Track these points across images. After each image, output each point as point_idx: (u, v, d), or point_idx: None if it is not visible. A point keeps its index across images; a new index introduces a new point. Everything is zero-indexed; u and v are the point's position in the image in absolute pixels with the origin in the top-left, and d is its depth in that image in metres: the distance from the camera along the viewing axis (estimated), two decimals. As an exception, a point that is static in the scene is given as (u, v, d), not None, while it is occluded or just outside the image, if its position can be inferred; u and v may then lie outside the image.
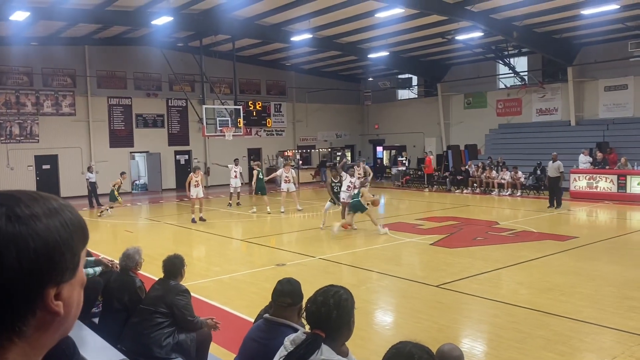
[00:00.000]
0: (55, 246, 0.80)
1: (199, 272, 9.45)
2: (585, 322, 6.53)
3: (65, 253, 0.81)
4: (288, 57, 28.27)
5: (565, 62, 23.38)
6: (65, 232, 0.82)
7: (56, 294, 0.81)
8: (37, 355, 0.83)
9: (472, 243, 11.79)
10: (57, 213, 0.83)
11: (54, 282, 0.81)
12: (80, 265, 0.86)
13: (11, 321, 0.77)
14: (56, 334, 0.84)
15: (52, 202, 0.84)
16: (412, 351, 1.94)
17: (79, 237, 0.85)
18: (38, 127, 23.41)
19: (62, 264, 0.81)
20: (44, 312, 0.80)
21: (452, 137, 28.62)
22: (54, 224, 0.81)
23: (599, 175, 18.82)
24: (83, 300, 0.89)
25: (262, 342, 3.05)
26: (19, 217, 0.78)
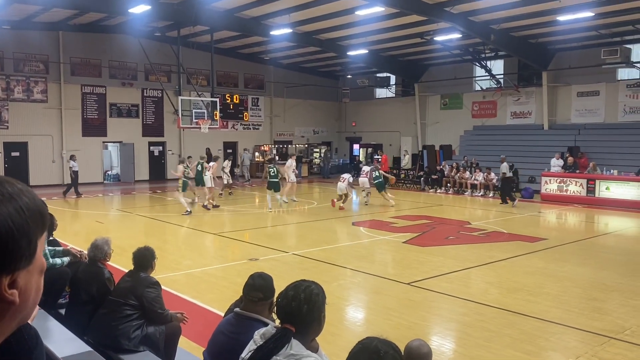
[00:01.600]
0: (8, 233, 0.77)
1: (170, 265, 9.35)
2: (551, 322, 6.66)
3: (19, 240, 0.78)
4: (267, 51, 28.13)
5: (540, 67, 23.79)
6: (20, 218, 0.79)
7: (10, 283, 0.78)
8: None
9: (444, 242, 11.92)
10: (12, 198, 0.79)
11: (7, 270, 0.78)
12: (38, 252, 0.83)
13: None
14: (13, 322, 0.81)
15: (7, 186, 0.81)
16: (378, 346, 1.94)
17: (36, 223, 0.81)
18: (8, 113, 22.82)
19: (16, 251, 0.78)
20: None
21: (428, 137, 28.89)
22: (7, 210, 0.78)
23: (569, 179, 19.22)
24: (50, 290, 0.87)
25: (231, 336, 3.03)
26: None
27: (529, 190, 20.43)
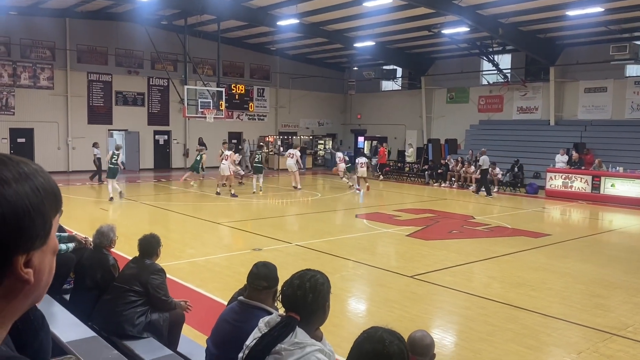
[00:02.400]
0: (25, 212, 0.77)
1: (174, 253, 9.38)
2: (553, 317, 6.66)
3: (35, 219, 0.79)
4: (273, 42, 28.04)
5: (548, 62, 23.65)
6: (36, 197, 0.79)
7: (26, 262, 0.79)
8: (5, 324, 0.81)
9: (447, 236, 11.92)
10: (28, 178, 0.80)
11: (23, 250, 0.78)
12: (52, 232, 0.84)
13: None
14: (26, 301, 0.82)
15: (23, 166, 0.81)
16: (383, 336, 1.95)
17: (50, 203, 0.82)
18: (14, 99, 22.87)
19: (32, 230, 0.78)
20: (13, 280, 0.78)
21: (433, 131, 28.81)
22: (23, 190, 0.78)
23: (574, 175, 19.16)
24: (55, 276, 0.87)
25: (235, 324, 3.03)
26: None
27: (533, 185, 20.39)
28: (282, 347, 2.22)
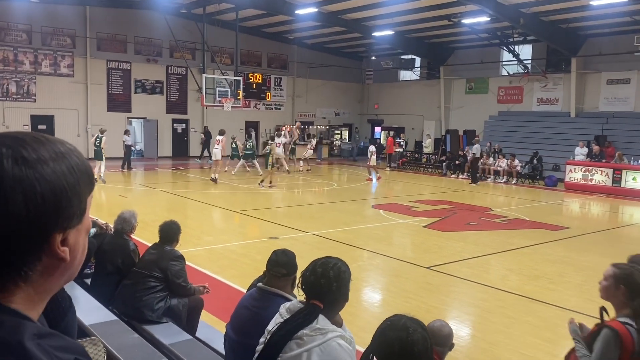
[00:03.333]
0: (63, 191, 0.78)
1: (192, 240, 9.47)
2: (572, 310, 6.60)
3: (72, 198, 0.80)
4: (291, 31, 27.94)
5: (569, 53, 23.25)
6: (72, 177, 0.80)
7: (62, 240, 0.80)
8: (41, 300, 0.83)
9: (464, 228, 11.85)
10: (64, 157, 0.81)
11: (60, 228, 0.79)
12: (87, 212, 0.85)
13: (18, 266, 0.77)
14: (61, 279, 0.84)
15: (59, 145, 0.82)
16: (407, 324, 1.95)
17: (85, 182, 0.83)
18: (35, 87, 23.17)
19: (69, 209, 0.80)
20: (50, 257, 0.79)
21: (452, 122, 28.56)
22: (60, 169, 0.79)
23: (595, 168, 18.88)
24: None
25: (254, 310, 3.06)
26: (25, 160, 0.76)
27: (552, 178, 20.15)
28: (304, 333, 2.25)
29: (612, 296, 2.82)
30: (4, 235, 0.74)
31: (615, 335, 2.59)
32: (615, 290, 2.78)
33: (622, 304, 2.74)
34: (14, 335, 0.73)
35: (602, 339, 2.63)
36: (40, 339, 0.74)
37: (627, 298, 2.69)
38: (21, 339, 0.73)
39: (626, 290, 2.70)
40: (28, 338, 0.73)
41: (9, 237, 0.75)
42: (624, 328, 2.60)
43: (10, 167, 0.75)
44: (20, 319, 0.76)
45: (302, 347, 2.24)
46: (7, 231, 0.74)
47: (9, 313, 0.76)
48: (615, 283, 2.77)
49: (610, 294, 2.83)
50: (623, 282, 2.72)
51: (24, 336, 0.73)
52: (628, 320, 2.67)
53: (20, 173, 0.75)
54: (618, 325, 2.64)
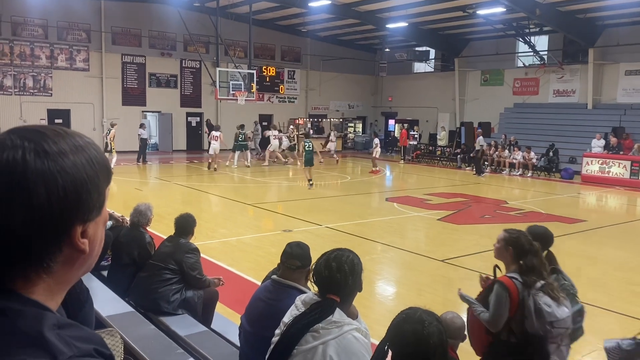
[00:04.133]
0: (83, 184, 0.79)
1: (206, 233, 9.53)
2: (588, 304, 6.50)
3: (92, 191, 0.81)
4: (305, 23, 27.87)
5: (586, 44, 22.90)
6: (92, 169, 0.81)
7: (82, 232, 0.81)
8: (61, 291, 0.84)
9: (479, 220, 11.79)
10: (83, 150, 0.82)
11: (81, 220, 0.80)
12: (105, 204, 0.86)
13: (40, 257, 0.78)
14: (80, 270, 0.85)
15: (78, 138, 0.83)
16: (423, 317, 1.95)
17: (104, 175, 0.84)
18: (52, 81, 23.40)
19: (89, 202, 0.81)
20: (71, 249, 0.81)
21: (466, 114, 28.33)
22: (80, 161, 0.80)
23: (612, 160, 18.63)
24: None
25: (269, 302, 3.07)
26: (47, 152, 0.77)
27: (569, 170, 19.93)
28: (320, 326, 2.26)
29: (503, 256, 3.41)
30: (27, 227, 0.76)
31: (504, 288, 3.20)
32: (505, 252, 3.37)
33: (510, 262, 3.35)
34: (34, 326, 0.74)
35: (495, 292, 3.23)
36: (60, 330, 0.76)
37: (514, 258, 3.31)
38: (41, 329, 0.74)
39: (513, 251, 3.31)
40: (48, 328, 0.74)
41: (32, 229, 0.76)
42: (511, 281, 3.22)
43: (33, 160, 0.76)
44: (40, 309, 0.78)
45: (318, 340, 2.25)
46: (31, 223, 0.76)
47: (30, 304, 0.77)
48: (505, 245, 3.36)
49: (501, 255, 3.42)
50: (511, 244, 3.33)
51: (44, 326, 0.74)
52: (515, 275, 3.25)
53: (43, 166, 0.76)
54: (506, 279, 3.25)
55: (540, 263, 3.30)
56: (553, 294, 3.19)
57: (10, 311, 0.74)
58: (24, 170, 0.75)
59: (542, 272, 3.26)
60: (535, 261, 3.26)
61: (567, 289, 3.61)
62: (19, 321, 0.74)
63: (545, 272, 3.28)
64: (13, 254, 0.76)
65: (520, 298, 3.16)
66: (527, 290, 3.17)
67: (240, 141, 20.70)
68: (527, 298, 3.16)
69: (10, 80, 22.61)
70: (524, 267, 3.24)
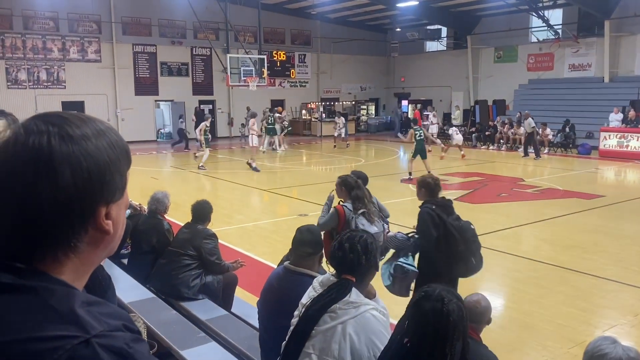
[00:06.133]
0: (106, 166, 0.82)
1: (223, 219, 9.60)
2: (608, 279, 6.50)
3: (114, 173, 0.84)
4: (314, 5, 27.60)
5: (602, 15, 22.40)
6: (114, 153, 0.84)
7: (106, 213, 0.84)
8: (86, 272, 0.87)
9: (496, 199, 11.71)
10: (105, 134, 0.85)
11: (104, 202, 0.83)
12: (126, 187, 0.88)
13: (68, 237, 0.81)
14: (104, 251, 0.88)
15: (99, 123, 0.86)
16: (442, 294, 1.95)
17: (124, 158, 0.87)
18: (64, 73, 23.57)
19: (112, 184, 0.84)
20: (96, 230, 0.84)
21: (481, 92, 28.00)
22: (102, 145, 0.83)
23: (631, 134, 18.32)
24: None
25: (282, 290, 3.05)
26: (71, 137, 0.80)
27: (586, 146, 19.67)
28: (337, 307, 2.27)
29: (340, 193, 4.87)
30: (55, 208, 0.79)
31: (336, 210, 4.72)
32: (340, 190, 4.86)
33: (345, 197, 4.79)
34: (65, 303, 0.77)
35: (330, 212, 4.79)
36: (90, 306, 0.79)
37: (346, 193, 4.78)
38: (72, 306, 0.77)
39: (345, 189, 4.78)
40: (79, 305, 0.78)
41: (60, 210, 0.79)
42: (341, 207, 4.70)
43: (58, 144, 0.79)
44: (69, 288, 0.81)
45: (335, 320, 2.27)
46: (58, 204, 0.79)
47: (58, 283, 0.80)
48: (339, 185, 4.86)
49: (340, 193, 4.87)
50: (342, 184, 4.82)
51: (74, 304, 0.78)
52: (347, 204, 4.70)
53: (67, 149, 0.79)
54: (339, 206, 4.75)
55: (363, 195, 4.72)
56: (369, 217, 4.62)
57: (41, 289, 0.78)
58: (49, 154, 0.78)
59: (365, 201, 4.67)
60: (359, 193, 4.70)
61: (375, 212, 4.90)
62: (51, 299, 0.77)
63: (367, 201, 4.69)
64: (42, 234, 0.80)
65: (347, 218, 4.60)
66: (352, 213, 4.58)
67: (270, 124, 20.35)
68: (351, 219, 4.57)
69: (25, 74, 22.81)
70: (353, 198, 4.66)
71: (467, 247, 4.27)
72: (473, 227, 4.41)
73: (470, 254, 4.31)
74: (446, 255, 4.22)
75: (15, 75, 22.65)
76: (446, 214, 4.35)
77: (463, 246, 4.24)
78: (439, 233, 4.21)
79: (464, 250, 4.24)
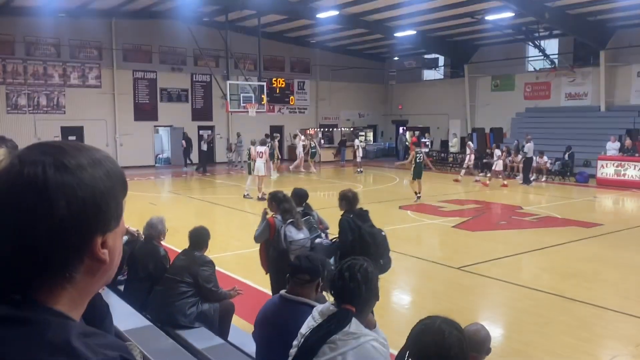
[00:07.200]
0: (102, 196, 0.82)
1: (220, 245, 9.54)
2: (609, 309, 6.44)
3: (110, 202, 0.83)
4: (313, 34, 28.01)
5: (597, 46, 22.74)
6: (110, 182, 0.84)
7: (102, 242, 0.83)
8: (83, 301, 0.86)
9: (494, 227, 11.69)
10: (101, 163, 0.84)
11: (101, 231, 0.83)
12: (123, 215, 0.88)
13: (63, 268, 0.80)
14: (101, 280, 0.87)
15: (95, 152, 0.86)
16: (442, 327, 1.92)
17: (121, 187, 0.87)
18: (64, 99, 23.71)
19: (108, 213, 0.83)
20: (92, 259, 0.83)
21: (478, 120, 28.21)
22: (98, 174, 0.82)
23: (628, 162, 18.40)
24: None
25: (280, 320, 2.95)
26: (66, 166, 0.80)
27: (584, 174, 19.72)
28: (336, 337, 2.23)
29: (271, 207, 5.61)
30: (50, 239, 0.78)
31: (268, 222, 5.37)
32: (271, 204, 5.63)
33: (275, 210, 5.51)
34: (61, 335, 0.76)
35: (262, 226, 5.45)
36: (86, 338, 0.78)
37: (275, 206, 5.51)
38: (68, 338, 0.76)
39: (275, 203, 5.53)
40: (75, 337, 0.76)
41: (55, 241, 0.78)
42: (272, 219, 5.38)
43: (53, 174, 0.79)
44: (65, 319, 0.80)
45: (335, 352, 2.23)
46: (54, 235, 0.78)
47: (54, 314, 0.79)
48: (270, 201, 5.71)
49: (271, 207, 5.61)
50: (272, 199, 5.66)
51: (70, 335, 0.76)
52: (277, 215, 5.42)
53: (62, 179, 0.79)
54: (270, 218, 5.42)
55: (291, 207, 5.38)
56: (297, 225, 5.28)
57: (37, 321, 0.77)
58: (44, 184, 0.78)
59: (292, 212, 5.34)
60: (287, 206, 5.38)
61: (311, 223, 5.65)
62: (46, 331, 0.76)
63: (294, 212, 5.37)
64: (37, 265, 0.79)
65: (277, 228, 5.25)
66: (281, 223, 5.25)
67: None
68: (280, 228, 5.21)
69: (25, 99, 22.94)
70: (282, 210, 5.37)
71: (376, 250, 5.04)
72: (384, 234, 5.33)
73: (379, 256, 5.04)
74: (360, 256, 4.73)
75: (15, 100, 22.77)
76: (361, 221, 5.21)
77: (374, 249, 5.01)
78: (354, 237, 5.04)
79: (374, 253, 4.93)
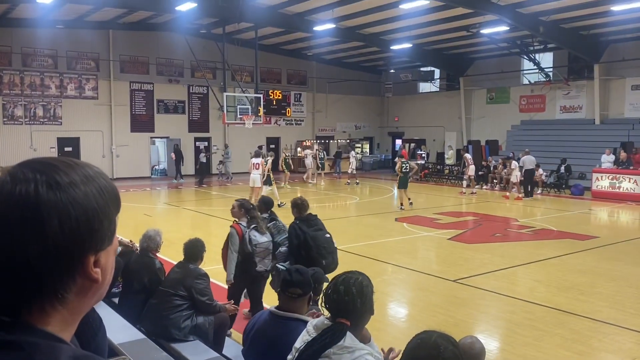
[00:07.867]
0: (95, 214, 0.80)
1: (215, 257, 9.47)
2: (604, 322, 6.44)
3: (103, 220, 0.81)
4: (310, 47, 28.17)
5: (591, 59, 22.94)
6: (102, 199, 0.82)
7: (95, 261, 0.82)
8: (75, 321, 0.84)
9: (490, 239, 11.69)
10: (93, 180, 0.83)
11: (93, 250, 0.81)
12: (115, 233, 0.87)
13: (55, 288, 0.78)
14: (93, 299, 0.85)
15: (87, 169, 0.84)
16: (438, 342, 1.91)
17: (114, 204, 0.85)
18: (61, 110, 23.71)
19: (101, 231, 0.82)
20: (84, 279, 0.81)
21: (473, 132, 28.34)
22: (91, 191, 0.81)
23: (623, 175, 18.49)
24: None
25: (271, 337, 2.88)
26: (58, 184, 0.78)
27: (579, 187, 19.78)
28: (331, 351, 2.22)
29: (238, 213, 5.91)
30: (42, 258, 0.76)
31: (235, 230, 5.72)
32: (238, 211, 5.91)
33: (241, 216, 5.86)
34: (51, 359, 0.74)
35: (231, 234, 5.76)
36: None
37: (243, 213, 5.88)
38: None
39: (243, 210, 5.90)
40: None
41: (46, 260, 0.76)
42: (238, 225, 5.75)
43: (45, 192, 0.77)
44: (55, 341, 0.77)
45: (330, 366, 2.22)
46: (46, 255, 0.76)
47: (44, 336, 0.77)
48: (239, 207, 5.94)
49: (237, 214, 5.92)
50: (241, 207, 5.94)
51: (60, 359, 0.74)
52: (242, 222, 5.82)
53: (55, 197, 0.77)
54: (236, 225, 5.77)
55: (257, 214, 5.86)
56: (261, 230, 5.71)
57: (26, 345, 0.74)
58: (36, 203, 0.76)
59: (257, 219, 5.78)
60: (253, 213, 5.86)
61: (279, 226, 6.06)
62: (36, 355, 0.73)
63: (259, 219, 5.81)
64: (28, 285, 0.77)
65: (243, 233, 5.68)
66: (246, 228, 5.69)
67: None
68: (245, 232, 5.66)
69: (21, 110, 22.93)
70: (249, 217, 5.81)
71: (318, 252, 5.52)
72: (328, 236, 5.78)
73: (321, 256, 5.52)
74: (305, 258, 5.37)
75: (11, 111, 22.76)
76: (307, 227, 5.70)
77: (315, 250, 5.51)
78: (299, 242, 5.56)
79: (316, 254, 5.48)
